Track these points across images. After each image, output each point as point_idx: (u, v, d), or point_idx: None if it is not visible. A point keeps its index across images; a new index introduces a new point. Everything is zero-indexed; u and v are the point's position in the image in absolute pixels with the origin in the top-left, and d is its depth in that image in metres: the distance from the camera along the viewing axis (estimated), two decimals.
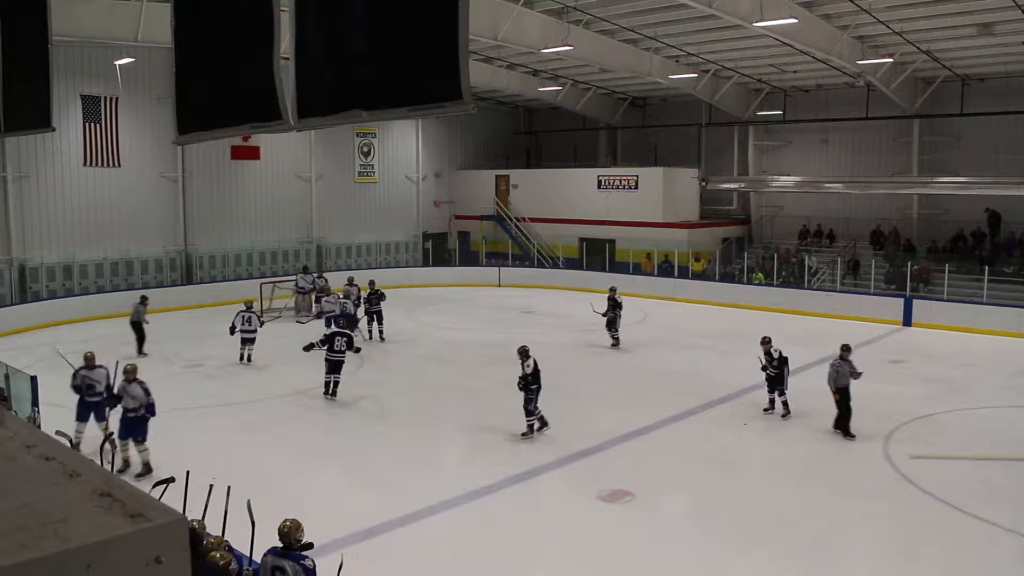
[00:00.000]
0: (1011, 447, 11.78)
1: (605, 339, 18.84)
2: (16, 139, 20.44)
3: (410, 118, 18.54)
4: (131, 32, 18.81)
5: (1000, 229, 24.71)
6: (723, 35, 21.99)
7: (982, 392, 14.90)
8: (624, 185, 29.86)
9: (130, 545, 1.51)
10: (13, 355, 14.98)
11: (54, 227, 22.91)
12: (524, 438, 11.94)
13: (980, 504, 9.50)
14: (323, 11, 3.40)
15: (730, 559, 8.33)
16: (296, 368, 16.35)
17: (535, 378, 11.97)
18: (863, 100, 26.43)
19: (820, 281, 25.55)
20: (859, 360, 12.73)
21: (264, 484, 9.24)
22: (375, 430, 12.64)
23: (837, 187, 27.81)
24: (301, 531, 5.83)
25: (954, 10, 18.69)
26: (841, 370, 12.11)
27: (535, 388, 11.98)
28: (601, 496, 9.80)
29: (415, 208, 32.82)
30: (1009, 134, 24.37)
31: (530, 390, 11.96)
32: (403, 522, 9.04)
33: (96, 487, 1.66)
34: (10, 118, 5.26)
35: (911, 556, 8.46)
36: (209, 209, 26.22)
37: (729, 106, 29.03)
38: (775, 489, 10.21)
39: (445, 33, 2.90)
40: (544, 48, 21.12)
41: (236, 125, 4.09)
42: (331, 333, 14.73)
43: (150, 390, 10.71)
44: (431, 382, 15.82)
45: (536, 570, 8.21)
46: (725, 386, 15.05)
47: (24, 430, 1.98)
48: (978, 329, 20.32)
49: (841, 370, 12.11)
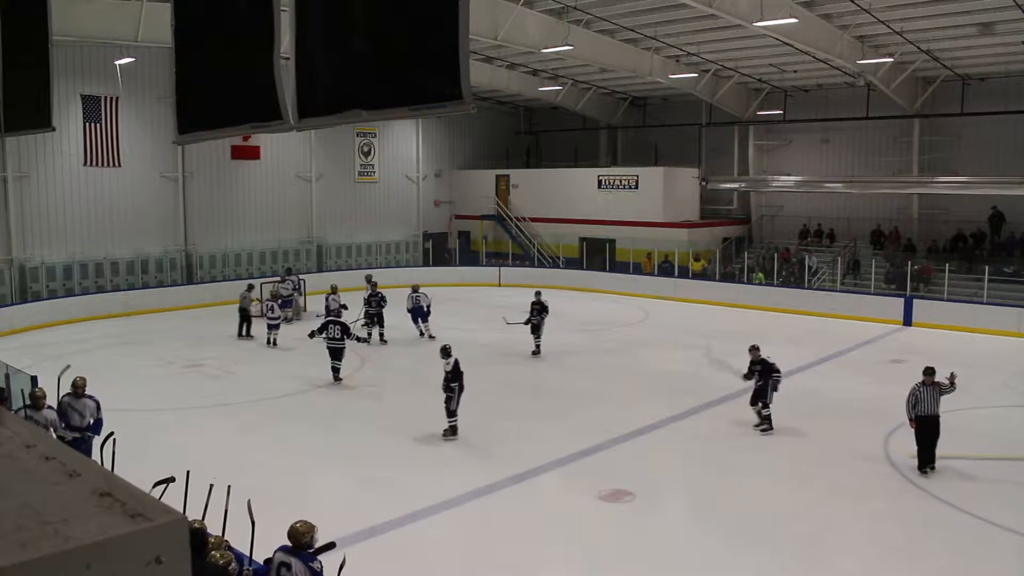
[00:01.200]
0: (1011, 447, 11.78)
1: (606, 339, 18.82)
2: (16, 139, 20.44)
3: (410, 118, 18.52)
4: (131, 32, 18.82)
5: (1002, 229, 24.71)
6: (723, 35, 21.99)
7: (982, 392, 14.89)
8: (624, 185, 29.87)
9: (130, 545, 1.51)
10: (13, 355, 14.98)
11: (54, 227, 22.90)
12: (445, 438, 11.84)
13: (980, 504, 9.50)
14: (323, 11, 3.40)
15: (730, 559, 8.33)
16: (296, 368, 16.36)
17: (455, 377, 11.75)
18: (863, 100, 26.43)
19: (820, 281, 25.55)
20: (859, 360, 12.69)
21: (264, 484, 9.24)
22: (375, 430, 12.64)
23: (837, 187, 27.81)
24: (311, 535, 5.78)
25: (954, 10, 18.68)
26: (921, 396, 10.49)
27: (455, 387, 11.78)
28: (601, 496, 9.80)
29: (415, 208, 32.82)
30: (1009, 134, 24.36)
31: (451, 388, 11.76)
32: (404, 522, 9.04)
33: (96, 487, 1.66)
34: (10, 118, 5.26)
35: (911, 556, 8.46)
36: (209, 209, 26.22)
37: (729, 106, 29.03)
38: (775, 489, 10.21)
39: (445, 33, 2.90)
40: (544, 48, 21.12)
41: (236, 125, 4.10)
42: (326, 320, 15.45)
43: (101, 404, 9.68)
44: (431, 382, 15.76)
45: (536, 570, 8.21)
46: (725, 386, 15.04)
47: (24, 430, 1.98)
48: (978, 329, 20.32)
49: (921, 396, 10.49)
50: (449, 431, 11.92)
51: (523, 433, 12.35)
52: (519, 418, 13.19)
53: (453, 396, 11.83)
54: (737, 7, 17.79)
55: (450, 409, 11.87)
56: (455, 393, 11.84)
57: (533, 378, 16.25)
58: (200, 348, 18.56)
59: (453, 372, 11.79)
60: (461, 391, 11.90)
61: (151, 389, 14.97)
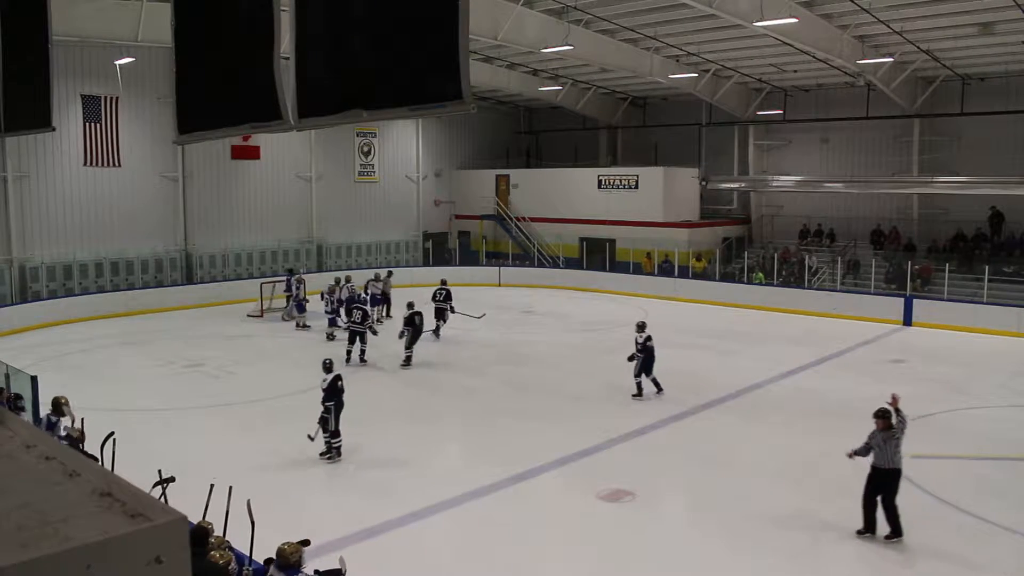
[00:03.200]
0: (1011, 447, 11.78)
1: (606, 339, 18.82)
2: (16, 139, 20.44)
3: (410, 118, 18.47)
4: (131, 32, 18.83)
5: (1002, 229, 24.71)
6: (723, 35, 21.99)
7: (982, 392, 14.90)
8: (624, 185, 29.87)
9: (130, 545, 1.51)
10: (13, 355, 14.97)
11: (54, 227, 22.90)
12: (324, 458, 10.97)
13: (980, 504, 9.51)
14: (323, 11, 3.40)
15: (730, 559, 8.34)
16: (296, 368, 16.36)
17: (331, 395, 10.96)
18: (863, 100, 26.43)
19: (820, 281, 25.55)
20: (859, 360, 12.69)
21: (264, 484, 9.24)
22: (375, 430, 12.63)
23: (837, 187, 27.81)
24: (298, 555, 5.87)
25: (954, 9, 18.69)
26: (876, 443, 8.60)
27: (331, 405, 10.92)
28: (601, 496, 9.80)
29: (415, 208, 32.82)
30: (1009, 134, 24.36)
31: (327, 409, 10.92)
32: (403, 522, 9.04)
33: (96, 487, 1.67)
34: (10, 118, 5.26)
35: (911, 556, 8.46)
36: (209, 209, 26.21)
37: (729, 106, 29.03)
38: (775, 489, 10.21)
39: (445, 33, 2.90)
40: (544, 48, 21.12)
41: (236, 125, 4.09)
42: (347, 300, 16.48)
43: (84, 426, 8.68)
44: (431, 382, 15.81)
45: (536, 570, 8.21)
46: (725, 386, 15.05)
47: (24, 430, 1.98)
48: (978, 329, 20.32)
49: (876, 443, 8.60)
50: (330, 453, 10.96)
51: (523, 433, 12.35)
52: (519, 418, 13.19)
53: (329, 417, 10.92)
54: (737, 7, 17.79)
55: (328, 429, 10.90)
56: (331, 413, 10.91)
57: (533, 378, 16.25)
58: (200, 348, 18.56)
59: (329, 389, 10.96)
60: (340, 409, 11.00)
61: (151, 389, 14.97)
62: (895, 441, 8.48)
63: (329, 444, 11.01)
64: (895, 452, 8.51)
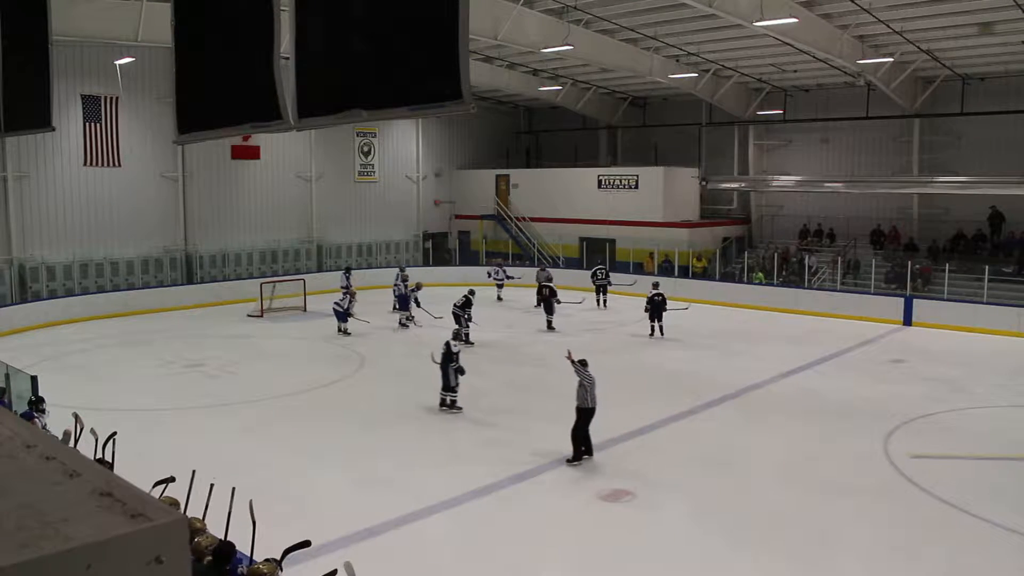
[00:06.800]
0: (1011, 447, 11.77)
1: (607, 338, 18.80)
2: (16, 139, 20.44)
3: (410, 118, 18.45)
4: (131, 32, 18.80)
5: (1002, 229, 24.71)
6: (723, 35, 21.98)
7: (982, 392, 14.90)
8: (624, 185, 29.86)
9: (130, 545, 1.51)
10: (13, 355, 14.98)
11: (54, 227, 22.90)
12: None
13: (980, 503, 9.51)
14: (323, 11, 3.40)
15: (730, 559, 8.34)
16: (297, 368, 16.36)
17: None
18: (863, 100, 26.42)
19: (820, 281, 25.55)
20: (860, 360, 12.71)
21: (264, 484, 9.24)
22: (375, 430, 12.64)
23: (837, 187, 27.80)
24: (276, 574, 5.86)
25: (954, 9, 18.67)
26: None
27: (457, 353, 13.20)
28: (601, 496, 9.80)
29: (415, 208, 32.82)
30: (1009, 134, 24.35)
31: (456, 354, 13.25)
32: (403, 522, 9.04)
33: (96, 487, 1.66)
34: (10, 118, 5.26)
35: (911, 556, 8.46)
36: (209, 209, 26.22)
37: (729, 106, 29.02)
38: (775, 489, 10.21)
39: (445, 33, 2.90)
40: (544, 48, 21.11)
41: (236, 125, 4.09)
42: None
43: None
44: (432, 382, 15.79)
45: (536, 570, 8.21)
46: (725, 385, 15.05)
47: (24, 430, 1.98)
48: (978, 329, 20.32)
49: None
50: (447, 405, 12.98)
51: (523, 433, 12.35)
52: (519, 418, 13.20)
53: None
54: (737, 7, 17.78)
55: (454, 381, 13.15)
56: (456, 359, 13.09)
57: (533, 378, 16.24)
58: (200, 348, 18.56)
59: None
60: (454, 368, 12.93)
61: (151, 389, 14.97)
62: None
63: (444, 398, 13.00)
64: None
